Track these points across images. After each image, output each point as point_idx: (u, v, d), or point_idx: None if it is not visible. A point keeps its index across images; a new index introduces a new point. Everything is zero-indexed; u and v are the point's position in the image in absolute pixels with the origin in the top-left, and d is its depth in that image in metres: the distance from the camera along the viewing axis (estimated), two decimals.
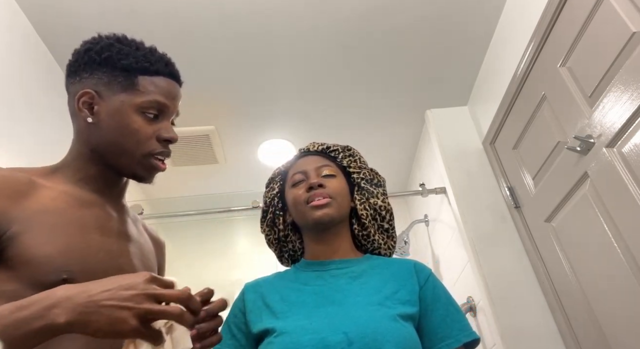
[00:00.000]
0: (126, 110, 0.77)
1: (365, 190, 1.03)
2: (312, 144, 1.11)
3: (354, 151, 1.10)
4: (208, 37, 1.82)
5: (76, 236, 0.70)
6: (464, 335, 0.85)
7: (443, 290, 0.92)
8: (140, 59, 0.79)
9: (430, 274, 0.94)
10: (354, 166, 1.06)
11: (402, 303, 0.85)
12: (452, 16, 1.84)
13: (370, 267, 0.94)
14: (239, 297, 0.97)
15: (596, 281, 1.40)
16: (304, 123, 2.34)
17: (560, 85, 1.49)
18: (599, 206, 1.35)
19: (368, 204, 1.02)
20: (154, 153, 0.79)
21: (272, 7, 1.74)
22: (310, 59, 1.98)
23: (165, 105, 0.79)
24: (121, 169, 0.79)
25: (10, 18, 1.58)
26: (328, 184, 0.97)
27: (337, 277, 0.92)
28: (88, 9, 1.62)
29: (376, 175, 1.08)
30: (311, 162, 1.03)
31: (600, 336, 1.38)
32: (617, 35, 1.22)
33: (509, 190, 1.91)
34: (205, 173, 2.61)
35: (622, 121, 1.21)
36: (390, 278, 0.91)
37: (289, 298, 0.89)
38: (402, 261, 0.97)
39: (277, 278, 0.99)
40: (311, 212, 0.94)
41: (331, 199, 0.95)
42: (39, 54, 1.73)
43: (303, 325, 0.80)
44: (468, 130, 2.21)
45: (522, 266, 1.78)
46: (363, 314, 0.80)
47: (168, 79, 0.81)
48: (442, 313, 0.87)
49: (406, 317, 0.82)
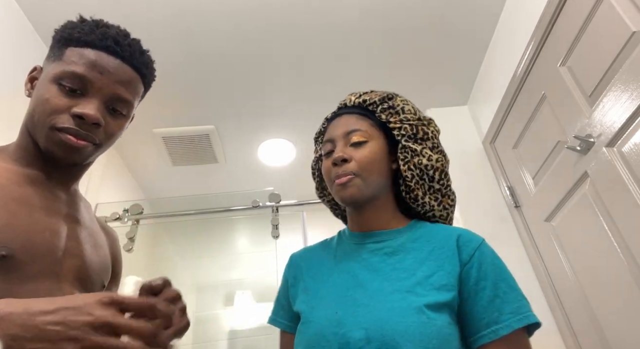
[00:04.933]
0: (46, 80, 0.72)
1: (408, 148, 0.89)
2: (349, 97, 0.97)
3: (396, 100, 0.94)
4: (208, 37, 1.82)
5: (18, 212, 0.65)
6: (516, 319, 0.70)
7: (493, 266, 0.77)
8: (77, 30, 0.74)
9: (478, 248, 0.79)
10: (394, 120, 0.91)
11: (435, 288, 0.74)
12: (452, 16, 1.84)
13: (409, 240, 0.84)
14: (286, 269, 0.97)
15: (596, 281, 1.40)
16: (304, 123, 2.34)
17: (560, 85, 1.49)
18: (598, 205, 1.35)
19: (413, 164, 0.88)
20: (58, 126, 0.69)
21: (272, 7, 1.74)
22: (310, 59, 1.98)
23: (85, 78, 0.71)
24: (40, 144, 0.72)
25: (10, 17, 1.58)
26: (356, 154, 0.86)
27: (372, 253, 0.84)
28: (88, 8, 1.62)
29: (423, 126, 0.93)
30: (342, 125, 0.91)
31: (600, 336, 1.38)
32: (617, 35, 1.22)
33: (509, 189, 1.91)
34: (205, 173, 2.61)
35: (622, 120, 1.21)
36: (428, 255, 0.79)
37: (321, 276, 0.87)
38: (447, 231, 0.84)
39: (320, 248, 0.96)
40: (336, 191, 0.86)
41: (354, 177, 0.84)
42: (39, 53, 1.73)
43: (328, 316, 0.77)
44: (468, 130, 2.21)
45: (522, 266, 1.78)
46: (386, 305, 0.73)
47: (100, 53, 0.72)
48: (489, 294, 0.73)
49: (438, 306, 0.71)
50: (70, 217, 0.75)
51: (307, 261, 0.94)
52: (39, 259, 0.65)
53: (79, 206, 0.79)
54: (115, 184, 2.40)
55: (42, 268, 0.65)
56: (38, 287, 0.63)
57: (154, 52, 0.84)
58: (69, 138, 0.69)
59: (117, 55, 0.74)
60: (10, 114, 1.51)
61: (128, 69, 0.76)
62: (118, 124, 0.76)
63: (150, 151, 2.41)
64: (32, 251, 0.64)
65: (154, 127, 2.25)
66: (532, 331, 0.73)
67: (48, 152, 0.71)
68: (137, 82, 0.78)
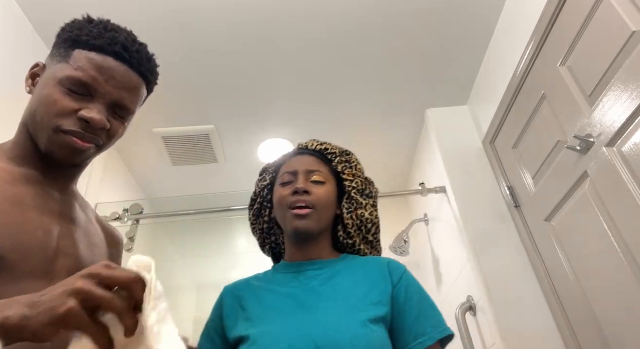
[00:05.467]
0: (52, 81, 0.72)
1: (355, 200, 1.01)
2: (312, 142, 1.08)
3: (352, 157, 1.07)
4: (208, 37, 1.82)
5: (10, 212, 0.64)
6: (437, 332, 0.83)
7: (417, 288, 0.90)
8: (86, 33, 0.73)
9: (404, 273, 0.92)
10: (348, 173, 1.03)
11: (373, 304, 0.84)
12: (451, 16, 1.84)
13: (345, 267, 0.94)
14: (218, 301, 0.97)
15: (596, 281, 1.40)
16: (304, 123, 2.33)
17: (560, 84, 1.49)
18: (598, 205, 1.35)
19: (355, 214, 1.00)
20: (64, 129, 0.69)
21: (272, 8, 1.73)
22: (310, 59, 1.98)
23: (92, 83, 0.71)
24: (41, 146, 0.72)
25: (10, 17, 1.58)
26: (315, 191, 0.95)
27: (312, 279, 0.91)
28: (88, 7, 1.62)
29: (369, 185, 1.05)
30: (304, 163, 1.01)
31: (600, 336, 1.38)
32: (617, 35, 1.22)
33: (508, 189, 1.91)
34: (205, 173, 2.60)
35: (622, 120, 1.21)
36: (363, 278, 0.90)
37: (264, 302, 0.89)
38: (376, 259, 0.96)
39: (256, 280, 0.99)
40: (291, 219, 0.93)
41: (312, 210, 0.93)
42: (40, 55, 1.73)
43: (276, 334, 0.80)
44: (468, 129, 2.21)
45: (522, 266, 1.78)
46: (333, 320, 0.80)
47: (108, 58, 0.73)
48: (415, 312, 0.85)
49: (377, 320, 0.82)
50: (65, 217, 0.75)
51: (245, 290, 0.95)
52: (30, 259, 0.64)
53: (74, 206, 0.79)
54: (115, 184, 2.40)
55: (33, 268, 0.65)
56: (29, 287, 0.63)
57: (153, 51, 0.84)
58: (75, 141, 0.70)
59: (125, 61, 0.74)
60: (9, 114, 1.51)
61: (135, 76, 0.76)
62: (120, 126, 0.77)
63: (150, 151, 2.40)
64: (23, 250, 0.63)
65: (154, 127, 2.25)
66: (446, 343, 0.86)
67: (49, 152, 0.72)
68: (141, 88, 0.79)
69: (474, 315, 1.88)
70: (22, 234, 0.64)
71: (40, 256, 0.66)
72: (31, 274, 0.64)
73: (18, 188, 0.68)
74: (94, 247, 0.79)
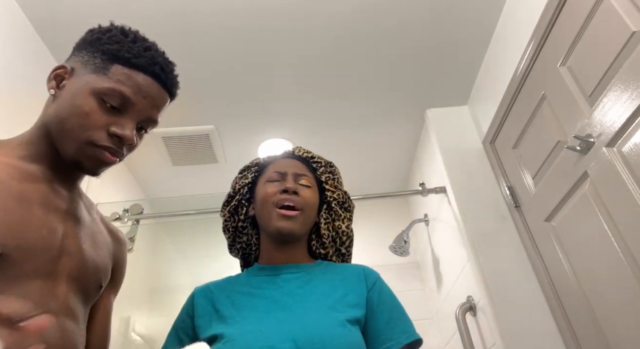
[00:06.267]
0: (85, 91, 0.72)
1: (334, 211, 1.04)
2: (299, 148, 1.10)
3: (336, 169, 1.10)
4: (208, 37, 1.82)
5: (15, 209, 0.64)
6: (404, 337, 0.86)
7: (389, 294, 0.94)
8: (126, 49, 0.75)
9: (378, 279, 0.95)
10: (330, 184, 1.06)
11: (350, 306, 0.87)
12: (451, 16, 1.84)
13: (321, 272, 0.96)
14: (188, 301, 0.96)
15: (596, 281, 1.40)
16: (303, 123, 2.34)
17: (560, 84, 1.49)
18: (598, 205, 1.35)
19: (332, 225, 1.03)
20: (97, 144, 0.71)
21: (272, 7, 1.74)
22: (310, 59, 1.98)
23: (130, 100, 0.73)
24: (64, 153, 0.72)
25: (10, 17, 1.58)
26: (303, 193, 0.97)
27: (288, 281, 0.92)
28: (87, 6, 1.62)
29: (348, 199, 1.08)
30: (293, 166, 1.03)
31: (600, 336, 1.38)
32: (617, 35, 1.22)
33: (508, 189, 1.91)
34: (205, 173, 2.60)
35: (622, 120, 1.21)
36: (340, 282, 0.92)
37: (239, 303, 0.89)
38: (352, 266, 0.99)
39: (229, 282, 0.98)
40: (277, 219, 0.94)
41: (299, 213, 0.95)
42: (39, 54, 1.73)
43: (252, 331, 0.80)
44: (468, 129, 2.21)
45: (522, 266, 1.78)
46: (312, 320, 0.82)
47: (147, 78, 0.75)
48: (385, 316, 0.88)
49: (353, 321, 0.84)
50: (70, 216, 0.75)
51: (218, 291, 0.95)
52: (34, 257, 0.64)
53: (80, 205, 0.79)
54: (115, 184, 2.40)
55: (37, 266, 0.65)
56: (32, 285, 0.63)
57: None
58: (106, 155, 0.72)
59: (161, 82, 0.78)
60: (9, 112, 1.51)
61: (166, 95, 0.80)
62: (140, 138, 0.80)
63: (150, 151, 2.40)
64: (27, 249, 0.63)
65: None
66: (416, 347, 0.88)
67: (76, 162, 0.73)
68: (167, 103, 0.82)
69: (474, 315, 1.88)
70: (27, 232, 0.64)
71: (44, 254, 0.66)
72: (35, 273, 0.64)
73: (24, 185, 0.68)
74: (97, 247, 0.79)
